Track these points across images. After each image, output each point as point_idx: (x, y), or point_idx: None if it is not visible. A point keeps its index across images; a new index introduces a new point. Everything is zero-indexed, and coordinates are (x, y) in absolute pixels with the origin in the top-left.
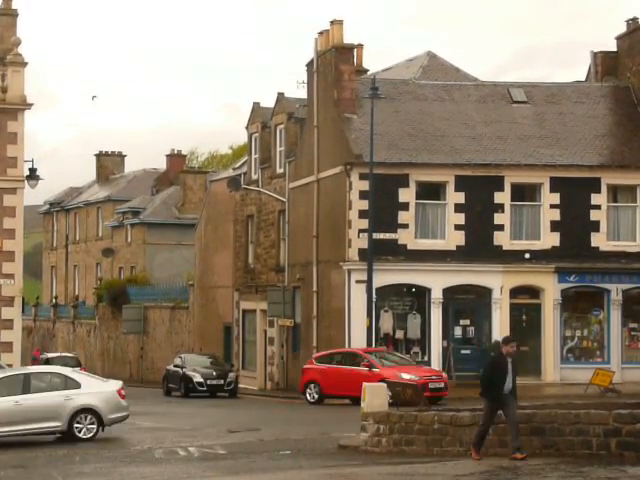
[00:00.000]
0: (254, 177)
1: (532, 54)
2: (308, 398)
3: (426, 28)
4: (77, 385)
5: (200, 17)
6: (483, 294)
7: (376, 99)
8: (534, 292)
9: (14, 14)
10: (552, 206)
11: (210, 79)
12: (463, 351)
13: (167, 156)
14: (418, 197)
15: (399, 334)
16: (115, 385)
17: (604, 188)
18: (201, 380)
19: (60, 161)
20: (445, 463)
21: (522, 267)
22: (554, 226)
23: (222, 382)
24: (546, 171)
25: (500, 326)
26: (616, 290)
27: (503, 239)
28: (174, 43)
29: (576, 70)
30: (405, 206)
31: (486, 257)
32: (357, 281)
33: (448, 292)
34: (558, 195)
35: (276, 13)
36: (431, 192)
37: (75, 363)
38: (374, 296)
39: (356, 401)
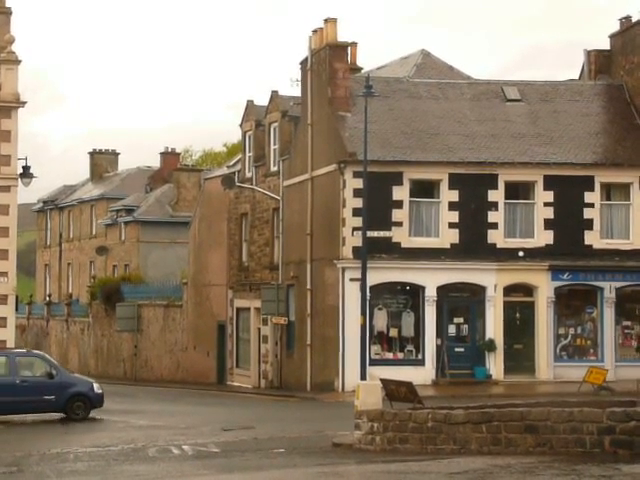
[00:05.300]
0: (248, 175)
1: (538, 55)
2: None
3: (425, 27)
4: None
5: (195, 16)
6: (477, 292)
7: (370, 97)
8: (528, 290)
9: (8, 12)
10: (546, 204)
11: (205, 77)
12: (457, 349)
13: (161, 154)
14: (412, 195)
15: (393, 332)
16: None
17: (597, 186)
18: None
19: (72, 161)
20: (439, 461)
21: (516, 265)
22: (548, 224)
23: None
24: (540, 169)
25: (494, 324)
26: (609, 288)
27: (497, 237)
28: (171, 41)
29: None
30: (399, 204)
31: (480, 255)
32: (351, 279)
33: (442, 290)
34: (552, 193)
35: (270, 11)
36: (425, 190)
37: None
38: (368, 294)
39: None
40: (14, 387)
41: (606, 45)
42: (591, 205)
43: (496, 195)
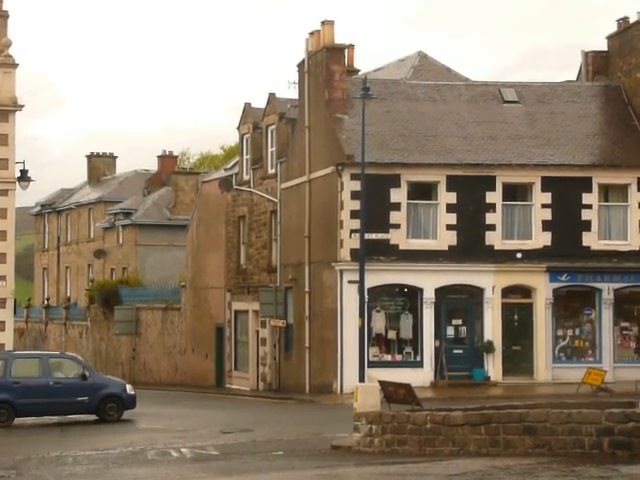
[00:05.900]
0: (246, 178)
1: (537, 56)
2: None
3: (423, 28)
4: None
5: (193, 20)
6: (475, 294)
7: (367, 99)
8: (526, 292)
9: (5, 15)
10: (543, 206)
11: (203, 80)
12: (455, 351)
13: (159, 157)
14: (410, 197)
15: (391, 334)
16: None
17: (595, 187)
18: None
19: (70, 164)
20: (438, 463)
21: (514, 267)
22: (545, 226)
23: None
24: (537, 171)
25: (492, 326)
26: (607, 289)
27: (495, 239)
28: (169, 45)
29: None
30: (397, 206)
31: (478, 257)
32: (349, 281)
33: (440, 292)
34: (549, 195)
35: (268, 14)
36: (423, 192)
37: None
38: (366, 296)
39: None
40: (47, 389)
41: (604, 46)
42: (589, 206)
43: (494, 197)
